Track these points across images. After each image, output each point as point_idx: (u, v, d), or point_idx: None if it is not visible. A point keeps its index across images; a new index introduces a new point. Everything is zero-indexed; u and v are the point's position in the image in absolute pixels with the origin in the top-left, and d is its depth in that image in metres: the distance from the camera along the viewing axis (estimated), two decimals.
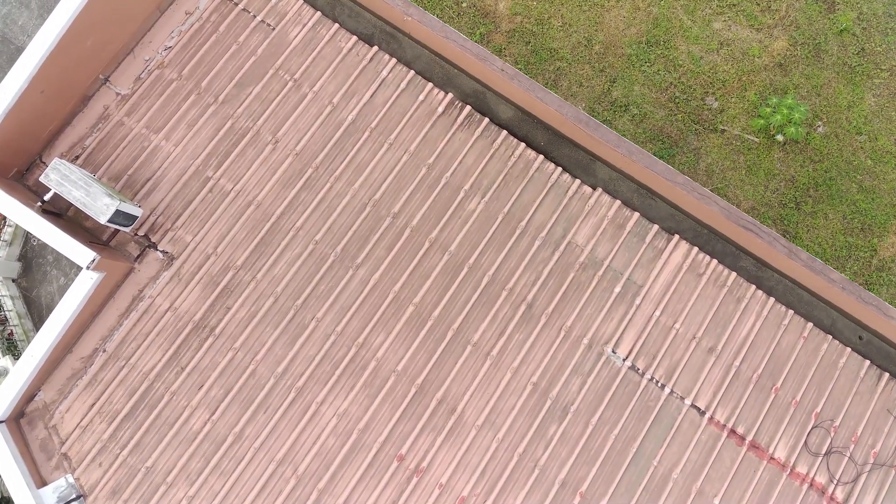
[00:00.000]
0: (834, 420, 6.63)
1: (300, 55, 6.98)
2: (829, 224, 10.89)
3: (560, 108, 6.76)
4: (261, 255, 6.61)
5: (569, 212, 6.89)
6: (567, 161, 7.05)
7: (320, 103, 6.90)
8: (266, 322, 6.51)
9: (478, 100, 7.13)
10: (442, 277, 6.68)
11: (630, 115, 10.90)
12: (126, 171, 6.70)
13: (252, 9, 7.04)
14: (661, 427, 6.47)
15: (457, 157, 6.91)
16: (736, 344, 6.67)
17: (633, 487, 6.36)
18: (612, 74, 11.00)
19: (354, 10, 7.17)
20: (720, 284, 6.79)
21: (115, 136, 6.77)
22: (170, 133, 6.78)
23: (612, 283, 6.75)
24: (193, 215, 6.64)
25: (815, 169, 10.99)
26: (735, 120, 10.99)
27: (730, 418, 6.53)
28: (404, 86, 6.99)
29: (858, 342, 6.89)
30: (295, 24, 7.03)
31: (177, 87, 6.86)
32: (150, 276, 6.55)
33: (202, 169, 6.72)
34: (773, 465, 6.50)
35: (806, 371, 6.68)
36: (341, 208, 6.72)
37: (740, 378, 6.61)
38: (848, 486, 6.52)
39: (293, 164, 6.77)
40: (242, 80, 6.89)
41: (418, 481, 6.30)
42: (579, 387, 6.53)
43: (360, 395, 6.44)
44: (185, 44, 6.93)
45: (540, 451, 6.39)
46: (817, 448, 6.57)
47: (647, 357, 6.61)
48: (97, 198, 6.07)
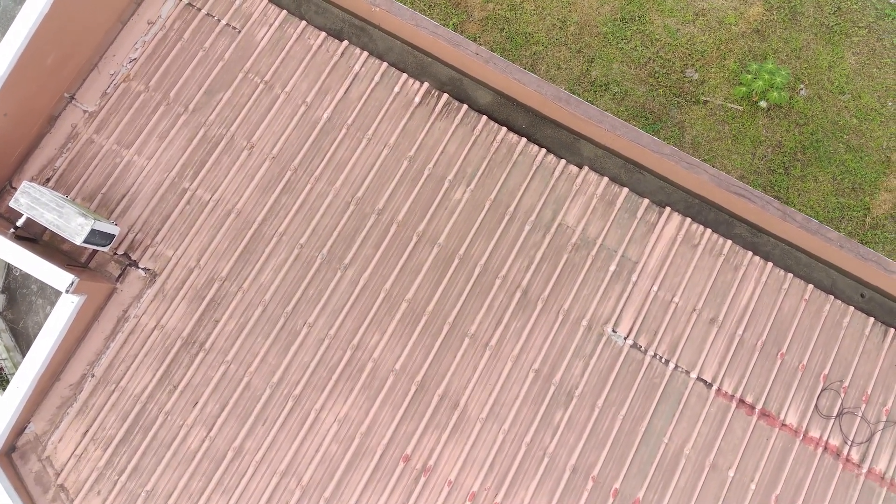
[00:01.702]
0: (843, 381, 6.51)
1: (269, 56, 6.80)
2: (820, 186, 10.79)
3: (539, 87, 6.61)
4: (245, 264, 6.44)
5: (556, 193, 6.75)
6: (550, 142, 6.90)
7: (294, 104, 6.73)
8: (257, 332, 6.34)
9: (455, 87, 6.97)
10: (433, 271, 6.53)
11: (611, 94, 10.77)
12: (100, 189, 6.52)
13: (216, 13, 6.86)
14: (668, 403, 6.33)
15: (438, 146, 6.76)
16: (737, 312, 6.55)
17: (646, 467, 6.22)
18: (590, 54, 10.87)
19: (321, 5, 7.00)
20: (716, 254, 6.66)
21: (85, 155, 6.58)
22: (141, 147, 6.60)
23: (606, 262, 6.61)
24: (173, 229, 6.46)
25: (801, 132, 10.89)
26: (717, 90, 10.88)
27: (737, 388, 6.40)
28: (378, 79, 6.83)
29: (861, 300, 6.78)
30: (261, 25, 6.86)
31: (145, 99, 6.68)
32: (134, 296, 6.37)
33: (178, 181, 6.54)
34: (785, 432, 6.37)
35: (810, 334, 6.56)
36: (324, 209, 6.55)
37: (744, 346, 6.49)
38: (862, 445, 6.40)
39: (271, 169, 6.60)
40: (212, 86, 6.72)
41: (426, 481, 6.15)
42: (582, 370, 6.39)
43: (360, 398, 6.28)
44: (150, 54, 6.75)
45: (547, 438, 6.25)
46: (828, 410, 6.45)
47: (649, 333, 6.47)
48: (71, 219, 5.89)
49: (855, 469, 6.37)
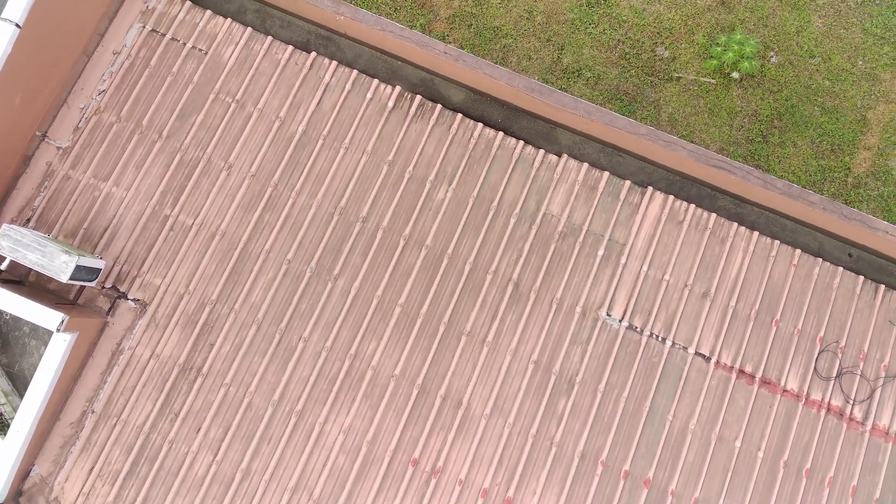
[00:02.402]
0: (839, 341, 6.56)
1: (238, 75, 6.78)
2: (799, 151, 10.86)
3: (511, 80, 6.62)
4: (235, 285, 6.42)
5: (538, 183, 6.76)
6: (527, 133, 6.92)
7: (267, 120, 6.71)
8: (253, 352, 6.32)
9: (427, 88, 6.97)
10: (423, 273, 6.53)
11: (584, 80, 10.80)
12: (81, 224, 6.48)
13: (180, 37, 6.83)
14: (669, 381, 6.36)
15: (416, 149, 6.76)
16: (728, 284, 6.58)
17: (653, 447, 6.25)
18: (559, 42, 10.89)
19: (285, 19, 6.98)
20: (702, 228, 6.69)
21: (63, 192, 6.54)
22: (119, 178, 6.56)
23: (594, 247, 6.63)
24: (158, 257, 6.43)
25: (776, 99, 10.95)
26: (688, 65, 10.92)
27: (736, 359, 6.44)
28: (349, 87, 6.82)
29: (849, 260, 6.83)
30: (227, 45, 6.84)
31: (118, 130, 6.65)
32: (126, 327, 6.34)
33: (159, 208, 6.51)
34: (787, 398, 6.41)
35: (802, 298, 6.60)
36: (308, 222, 6.54)
37: (739, 317, 6.52)
38: (864, 403, 6.45)
39: (251, 187, 6.58)
40: (184, 110, 6.69)
41: (437, 482, 6.15)
42: (581, 356, 6.40)
43: (363, 407, 6.27)
44: (119, 84, 6.71)
45: (553, 428, 6.26)
46: (828, 372, 6.50)
47: (643, 314, 6.50)
48: (55, 257, 5.85)
49: (859, 427, 6.42)
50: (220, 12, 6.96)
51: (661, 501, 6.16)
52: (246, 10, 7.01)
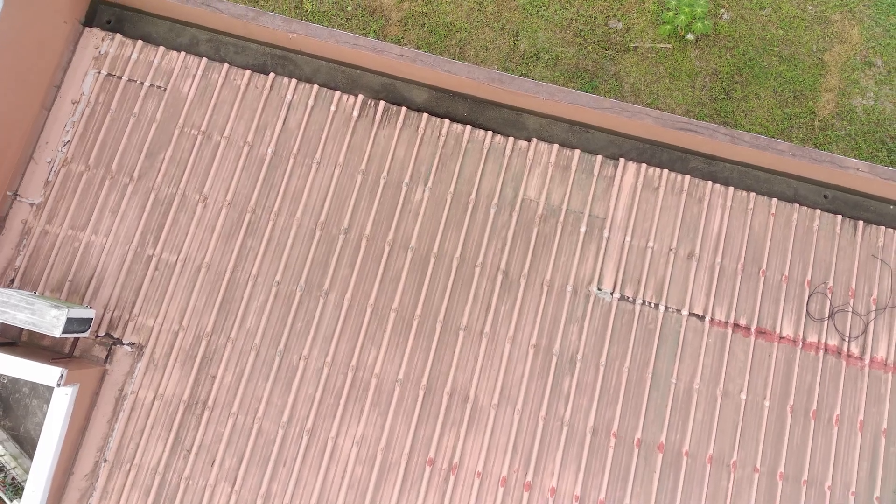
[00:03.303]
0: (827, 282, 6.67)
1: (200, 106, 6.79)
2: (763, 103, 11.00)
3: (470, 73, 6.68)
4: (228, 315, 6.43)
5: (512, 171, 6.82)
6: (494, 123, 6.98)
7: (236, 147, 6.73)
8: (255, 377, 6.34)
9: (389, 92, 7.01)
10: (412, 276, 6.57)
11: (543, 63, 10.87)
12: (66, 277, 6.46)
13: (137, 76, 6.83)
14: (668, 345, 6.45)
15: (387, 154, 6.80)
16: (711, 242, 6.68)
17: (661, 411, 6.33)
18: (514, 29, 10.96)
19: (239, 44, 6.99)
20: (678, 191, 6.78)
21: (43, 248, 6.52)
22: (97, 226, 6.55)
23: (576, 225, 6.70)
24: (147, 298, 6.43)
25: (733, 55, 11.08)
26: (643, 34, 11.02)
27: (729, 314, 6.54)
28: (312, 102, 6.85)
29: (825, 201, 6.95)
30: (185, 78, 6.84)
31: (88, 178, 6.63)
32: (126, 372, 6.34)
33: (140, 250, 6.51)
34: (784, 344, 6.52)
35: (785, 245, 6.71)
36: (291, 242, 6.56)
37: (726, 273, 6.62)
38: (860, 338, 6.57)
39: (229, 215, 6.59)
40: (151, 149, 6.69)
41: (455, 478, 6.20)
42: (578, 334, 6.48)
43: (372, 415, 6.31)
44: (82, 133, 6.70)
45: (561, 408, 6.33)
46: (820, 313, 6.61)
47: (633, 283, 6.58)
48: (44, 313, 5.84)
49: (858, 362, 6.54)
50: (172, 47, 6.96)
51: (677, 463, 6.25)
52: (198, 40, 7.01)
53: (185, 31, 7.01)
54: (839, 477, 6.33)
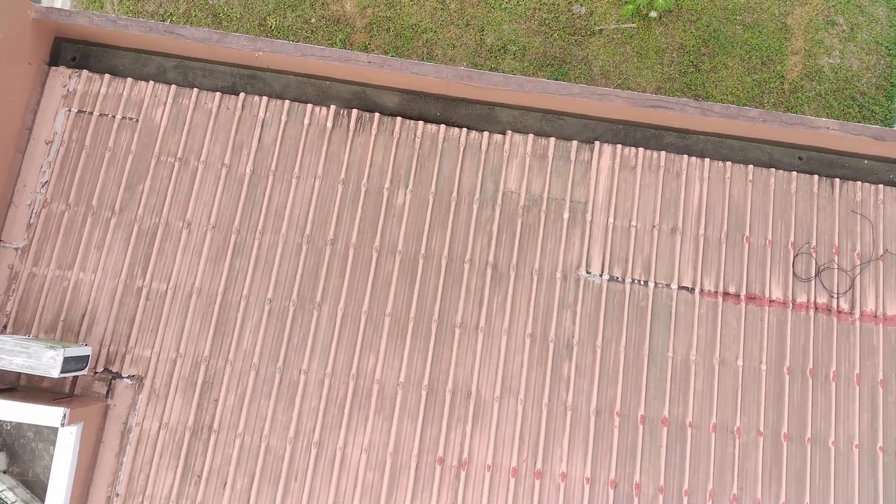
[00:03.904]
0: (810, 242, 6.77)
1: (174, 133, 6.80)
2: (732, 72, 11.10)
3: (438, 73, 6.72)
4: (224, 337, 6.45)
5: (491, 165, 6.88)
6: (468, 119, 7.03)
7: (214, 170, 6.75)
8: (257, 397, 6.37)
9: (360, 100, 7.05)
10: (402, 279, 6.62)
11: (511, 55, 10.93)
12: (58, 317, 6.46)
13: (108, 110, 6.83)
14: (661, 321, 6.53)
15: (365, 161, 6.84)
16: (693, 215, 6.76)
17: (661, 386, 6.41)
18: (479, 24, 11.01)
19: (206, 68, 7.01)
20: (655, 168, 6.86)
21: (32, 291, 6.52)
22: (84, 263, 6.56)
23: (559, 212, 6.76)
24: (142, 329, 6.45)
25: (697, 28, 11.18)
26: (607, 16, 11.10)
27: (718, 283, 6.62)
28: (285, 118, 6.87)
29: (800, 163, 7.05)
30: (156, 107, 6.85)
31: (70, 216, 6.64)
32: (128, 405, 6.35)
33: (130, 282, 6.52)
34: (775, 307, 6.61)
35: (766, 210, 6.80)
36: (279, 259, 6.59)
37: (711, 243, 6.71)
38: (848, 294, 6.67)
39: (214, 239, 6.61)
40: (129, 181, 6.69)
41: (466, 474, 6.26)
42: (572, 319, 6.54)
43: (377, 421, 6.35)
44: (59, 172, 6.70)
45: (563, 393, 6.40)
46: (807, 273, 6.71)
47: (621, 263, 6.66)
48: (41, 355, 5.84)
49: (849, 317, 6.65)
50: (140, 77, 6.97)
51: (682, 435, 6.33)
52: (165, 68, 7.03)
53: (152, 61, 7.02)
54: (842, 431, 6.43)
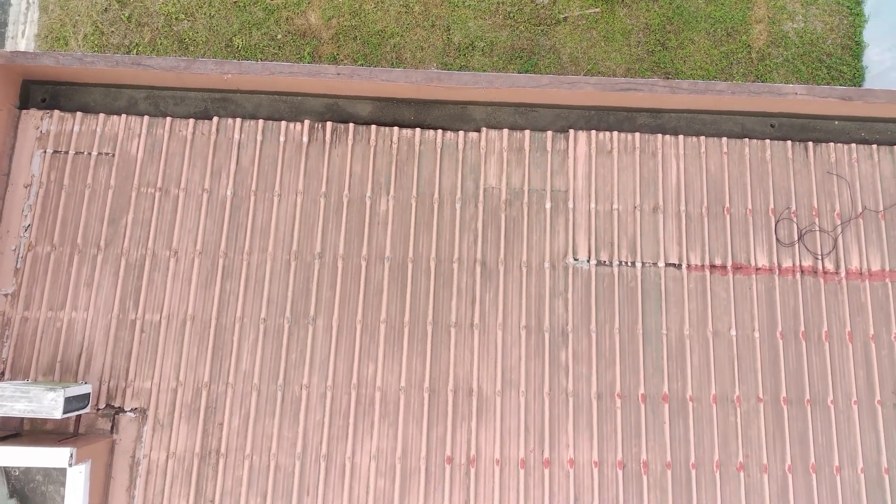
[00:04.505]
0: (790, 207, 6.87)
1: (151, 164, 6.82)
2: (699, 46, 11.20)
3: (408, 78, 6.77)
4: (222, 361, 6.48)
5: (469, 163, 6.94)
6: (442, 121, 7.08)
7: (195, 196, 6.77)
8: (261, 416, 6.40)
9: (334, 112, 7.09)
10: (393, 285, 6.66)
11: (479, 51, 10.99)
12: (55, 359, 6.47)
13: (84, 148, 6.84)
14: (651, 300, 6.61)
15: (344, 172, 6.88)
16: (672, 192, 6.84)
17: (659, 363, 6.49)
18: (444, 24, 11.06)
19: (177, 95, 7.03)
20: (630, 150, 6.94)
21: (26, 335, 6.52)
22: (74, 302, 6.57)
23: (541, 203, 6.83)
24: (140, 361, 6.47)
25: (661, 6, 11.27)
26: (570, 4, 11.18)
27: (704, 257, 6.71)
28: (261, 137, 6.91)
29: (772, 130, 7.14)
30: (131, 140, 6.87)
31: (56, 257, 6.64)
32: (134, 438, 6.37)
33: (123, 316, 6.54)
34: (762, 275, 6.71)
35: (743, 180, 6.89)
36: (269, 277, 6.63)
37: (693, 219, 6.79)
38: (832, 254, 6.77)
39: (203, 264, 6.64)
40: (112, 216, 6.71)
41: (476, 470, 6.32)
42: (564, 307, 6.61)
43: (382, 428, 6.40)
44: (41, 214, 6.70)
45: (563, 380, 6.47)
46: (789, 238, 6.81)
47: (607, 247, 6.73)
48: (41, 398, 5.86)
49: (835, 277, 6.75)
50: (112, 111, 6.98)
51: (684, 410, 6.41)
52: (136, 100, 7.04)
53: (122, 94, 7.04)
54: (839, 390, 6.54)
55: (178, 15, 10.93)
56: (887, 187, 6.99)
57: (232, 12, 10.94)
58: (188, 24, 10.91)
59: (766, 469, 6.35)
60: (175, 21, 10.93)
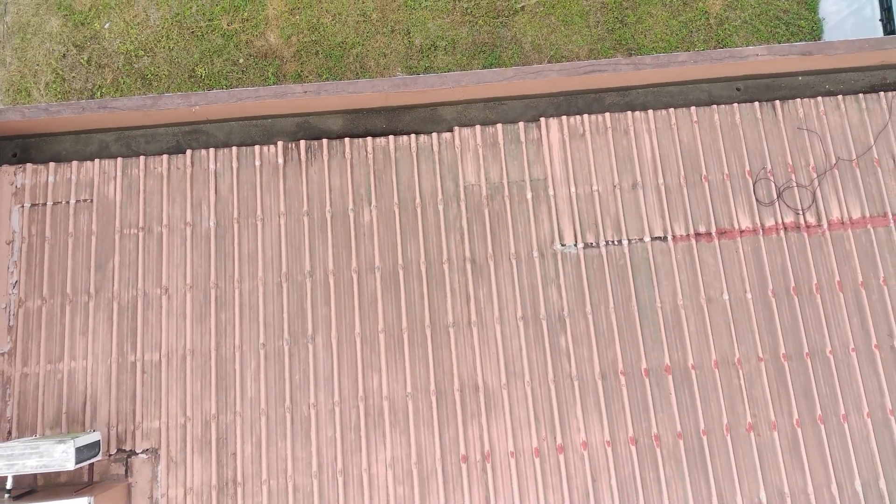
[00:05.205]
0: (765, 167, 6.97)
1: (130, 205, 6.82)
2: (657, 19, 11.30)
3: (374, 87, 6.81)
4: (227, 391, 6.50)
5: (446, 164, 6.98)
6: (414, 125, 7.12)
7: (178, 231, 6.77)
8: (273, 440, 6.42)
9: (305, 130, 7.11)
10: (387, 294, 6.70)
11: (442, 50, 11.03)
12: (60, 411, 6.46)
13: (61, 197, 6.83)
14: (642, 274, 6.69)
15: (324, 188, 6.90)
16: (649, 167, 6.92)
17: (657, 336, 6.57)
18: (403, 27, 11.10)
19: (147, 134, 7.03)
20: (603, 131, 7.01)
21: (28, 391, 6.51)
22: (72, 352, 6.56)
23: (521, 194, 6.89)
24: (145, 402, 6.47)
25: None
26: None
27: (688, 226, 6.80)
28: (236, 164, 6.92)
29: (739, 93, 7.24)
30: (107, 183, 6.86)
31: (48, 310, 6.63)
32: (149, 479, 6.37)
33: (122, 359, 6.54)
34: (747, 236, 6.80)
35: (716, 146, 6.99)
36: (262, 302, 6.65)
37: (672, 190, 6.88)
38: (812, 207, 6.88)
39: (195, 298, 6.64)
40: (98, 261, 6.70)
41: (492, 465, 6.37)
42: (558, 293, 6.68)
43: (394, 436, 6.44)
44: (27, 269, 6.69)
45: (566, 365, 6.53)
46: (769, 197, 6.90)
47: (592, 228, 6.80)
48: (52, 452, 5.85)
49: (818, 230, 6.85)
50: (85, 157, 6.97)
51: (687, 378, 6.50)
52: (107, 143, 7.03)
53: (92, 139, 7.03)
54: (836, 339, 6.64)
55: (137, 52, 10.89)
56: (857, 135, 7.10)
57: (191, 42, 10.92)
58: (148, 59, 10.88)
59: (774, 426, 6.45)
60: (135, 58, 10.89)
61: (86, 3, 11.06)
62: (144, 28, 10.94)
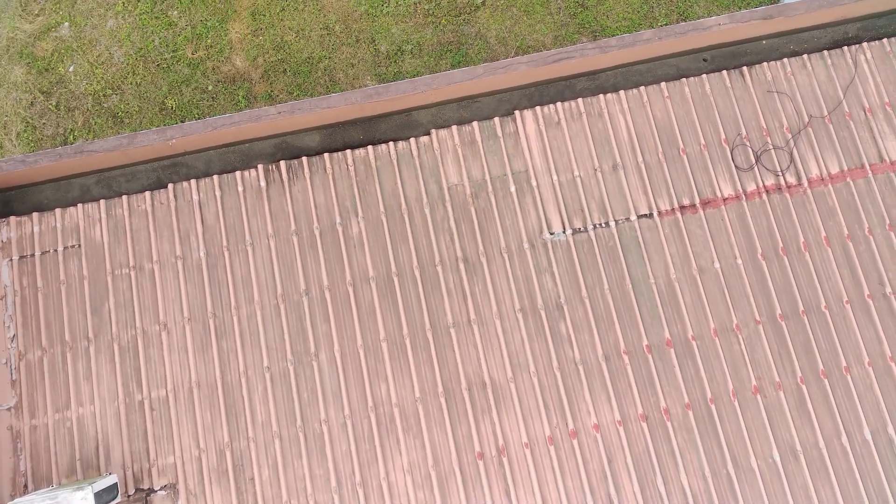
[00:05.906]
0: (740, 133, 7.06)
1: (118, 245, 6.82)
2: None
3: (347, 100, 6.84)
4: (237, 418, 6.52)
5: (427, 167, 7.02)
6: (391, 132, 7.16)
7: (169, 265, 6.78)
8: (289, 461, 6.45)
9: (284, 150, 7.13)
10: (384, 302, 6.74)
11: (409, 54, 11.07)
12: (74, 458, 6.46)
13: (48, 246, 6.81)
14: (632, 253, 6.77)
15: (309, 206, 6.93)
16: (627, 146, 7.00)
17: (654, 311, 6.65)
18: (368, 36, 11.12)
19: (126, 172, 7.03)
20: (577, 116, 7.08)
21: (39, 442, 6.50)
22: (78, 398, 6.55)
23: (504, 188, 6.94)
24: (157, 438, 6.48)
25: None
26: None
27: (671, 201, 6.88)
28: (219, 192, 6.93)
29: (706, 64, 7.33)
30: (93, 226, 6.85)
31: (49, 359, 6.62)
32: None
33: (130, 399, 6.54)
34: (730, 204, 6.90)
35: (690, 118, 7.07)
36: (262, 325, 6.67)
37: (652, 167, 6.95)
38: (790, 168, 6.98)
39: (195, 330, 6.66)
40: (93, 305, 6.70)
41: (508, 459, 6.43)
42: (552, 281, 6.74)
43: (409, 441, 6.49)
44: (23, 321, 6.67)
45: (569, 351, 6.60)
46: (747, 162, 7.00)
47: (578, 214, 6.87)
48: (70, 501, 5.85)
49: (799, 189, 6.96)
50: (67, 203, 6.96)
51: (689, 350, 6.58)
52: (88, 187, 7.03)
53: (73, 184, 7.02)
54: (829, 294, 6.75)
55: (104, 91, 10.86)
56: (826, 91, 7.21)
57: (157, 75, 10.89)
58: (117, 97, 10.85)
59: (779, 386, 6.55)
60: (103, 98, 10.85)
61: (47, 49, 11.02)
62: (109, 66, 10.90)
